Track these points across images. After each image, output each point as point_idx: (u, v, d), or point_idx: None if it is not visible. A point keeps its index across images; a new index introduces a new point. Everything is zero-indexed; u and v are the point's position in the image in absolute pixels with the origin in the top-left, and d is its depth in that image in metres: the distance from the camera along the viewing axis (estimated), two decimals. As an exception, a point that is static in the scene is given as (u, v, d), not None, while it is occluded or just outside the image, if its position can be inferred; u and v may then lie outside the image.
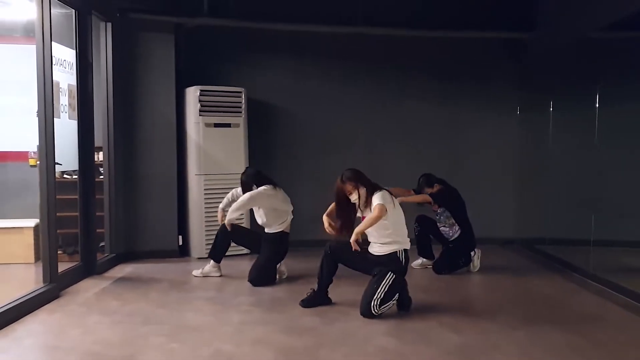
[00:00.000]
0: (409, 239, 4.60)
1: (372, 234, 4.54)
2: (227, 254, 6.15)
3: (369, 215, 4.41)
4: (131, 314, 4.42)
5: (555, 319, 4.42)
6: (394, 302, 4.46)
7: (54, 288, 4.81)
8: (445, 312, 4.53)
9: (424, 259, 6.12)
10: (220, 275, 5.66)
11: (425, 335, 4.00)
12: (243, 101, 6.71)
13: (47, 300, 4.66)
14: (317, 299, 4.67)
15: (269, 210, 5.50)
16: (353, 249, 4.47)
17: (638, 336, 4.08)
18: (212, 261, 5.69)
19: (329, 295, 4.72)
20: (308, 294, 4.70)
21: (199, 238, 6.57)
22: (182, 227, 6.72)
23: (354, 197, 4.51)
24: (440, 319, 4.35)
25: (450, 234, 6.00)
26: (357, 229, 4.46)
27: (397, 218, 4.50)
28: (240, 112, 6.71)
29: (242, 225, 6.48)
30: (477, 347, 3.80)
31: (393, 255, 4.47)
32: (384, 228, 4.45)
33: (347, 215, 4.59)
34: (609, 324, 4.33)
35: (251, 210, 5.81)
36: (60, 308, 4.57)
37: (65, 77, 5.35)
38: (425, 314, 4.49)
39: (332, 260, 4.64)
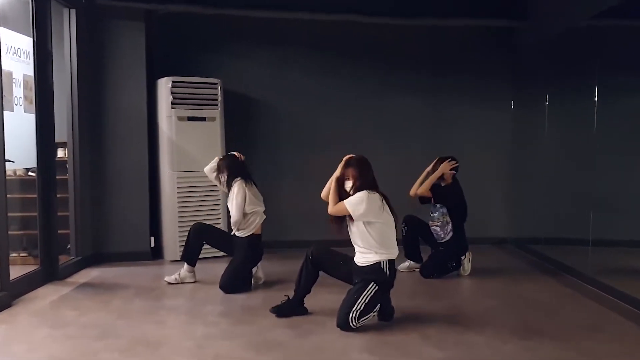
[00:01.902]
0: (396, 249, 4.18)
1: (355, 242, 4.15)
2: (202, 256, 5.77)
3: (339, 203, 4.10)
4: (86, 326, 4.03)
5: (549, 329, 4.06)
6: (375, 313, 4.08)
7: (4, 297, 4.41)
8: (430, 323, 4.15)
9: (411, 262, 5.75)
10: (195, 282, 5.27)
11: (406, 350, 3.63)
12: (219, 93, 6.31)
13: (-4, 310, 4.28)
14: (291, 309, 4.28)
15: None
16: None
17: (635, 348, 3.71)
18: (185, 265, 5.29)
19: (305, 305, 4.34)
20: (282, 302, 4.32)
21: (173, 240, 6.17)
22: (155, 228, 6.33)
23: (348, 185, 4.15)
24: (424, 331, 3.97)
25: (442, 235, 5.59)
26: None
27: (383, 225, 4.09)
28: (216, 105, 6.31)
29: (217, 226, 6.09)
30: (462, 364, 3.43)
31: (376, 266, 4.07)
32: (367, 235, 4.06)
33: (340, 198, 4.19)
34: (606, 335, 3.96)
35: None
36: (10, 319, 4.18)
37: (20, 66, 4.93)
38: (408, 324, 4.12)
39: (313, 267, 4.25)
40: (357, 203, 4.03)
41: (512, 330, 4.03)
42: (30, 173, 5.90)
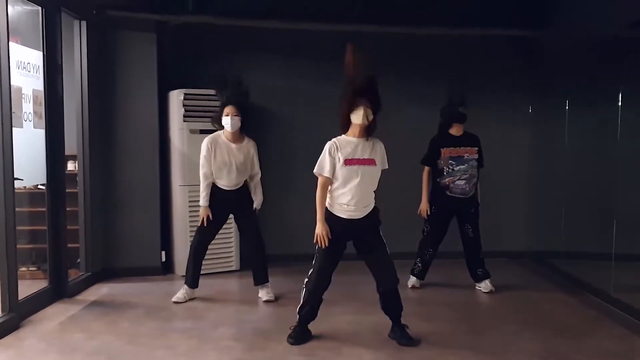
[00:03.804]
0: None
1: (369, 193, 4.04)
2: (210, 271, 5.74)
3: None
4: (94, 352, 3.91)
5: (575, 358, 3.89)
6: None
7: (12, 318, 4.32)
8: (451, 349, 4.00)
9: (418, 279, 5.64)
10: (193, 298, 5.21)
11: (426, 383, 3.49)
12: (231, 105, 6.18)
13: (5, 333, 4.17)
14: (304, 334, 4.16)
15: None
16: None
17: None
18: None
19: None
20: (291, 329, 4.19)
21: (184, 254, 5.98)
22: (165, 242, 6.21)
23: (359, 114, 4.00)
24: (445, 359, 3.83)
25: (467, 189, 5.37)
26: None
27: None
28: (229, 117, 6.19)
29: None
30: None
31: (376, 210, 4.12)
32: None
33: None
34: (636, 366, 3.80)
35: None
36: (17, 343, 4.08)
37: (29, 81, 4.83)
38: (428, 352, 3.96)
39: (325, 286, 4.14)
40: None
41: (537, 357, 3.90)
42: (39, 186, 5.80)
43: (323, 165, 3.97)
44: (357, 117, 3.95)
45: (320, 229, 3.96)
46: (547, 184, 6.65)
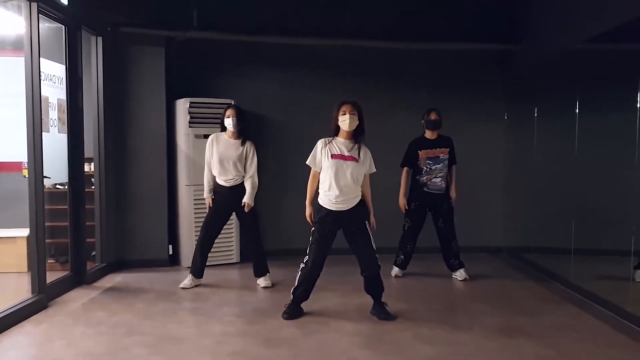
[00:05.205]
0: None
1: (355, 190, 4.67)
2: (213, 263, 6.33)
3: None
4: (116, 325, 4.53)
5: (531, 330, 4.51)
6: None
7: (42, 299, 4.93)
8: (423, 323, 4.63)
9: (400, 269, 6.26)
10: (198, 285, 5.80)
11: (401, 347, 4.11)
12: (233, 113, 6.81)
13: (35, 311, 4.78)
14: (296, 310, 4.80)
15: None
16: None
17: (606, 347, 4.16)
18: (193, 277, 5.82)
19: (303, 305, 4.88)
20: (286, 306, 4.83)
21: (189, 247, 6.63)
22: (173, 236, 6.83)
23: (345, 119, 4.61)
24: (417, 331, 4.45)
25: (443, 186, 6.06)
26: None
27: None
28: (230, 124, 6.81)
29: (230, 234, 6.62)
30: (448, 358, 3.90)
31: (362, 201, 4.74)
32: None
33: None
34: (581, 335, 4.41)
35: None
36: (48, 319, 4.69)
37: (54, 91, 5.47)
38: (404, 325, 4.59)
39: (318, 272, 4.78)
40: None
41: (497, 329, 4.51)
42: (58, 186, 6.40)
43: (312, 159, 4.72)
44: (344, 124, 4.58)
45: (307, 212, 4.79)
46: (520, 185, 7.28)
